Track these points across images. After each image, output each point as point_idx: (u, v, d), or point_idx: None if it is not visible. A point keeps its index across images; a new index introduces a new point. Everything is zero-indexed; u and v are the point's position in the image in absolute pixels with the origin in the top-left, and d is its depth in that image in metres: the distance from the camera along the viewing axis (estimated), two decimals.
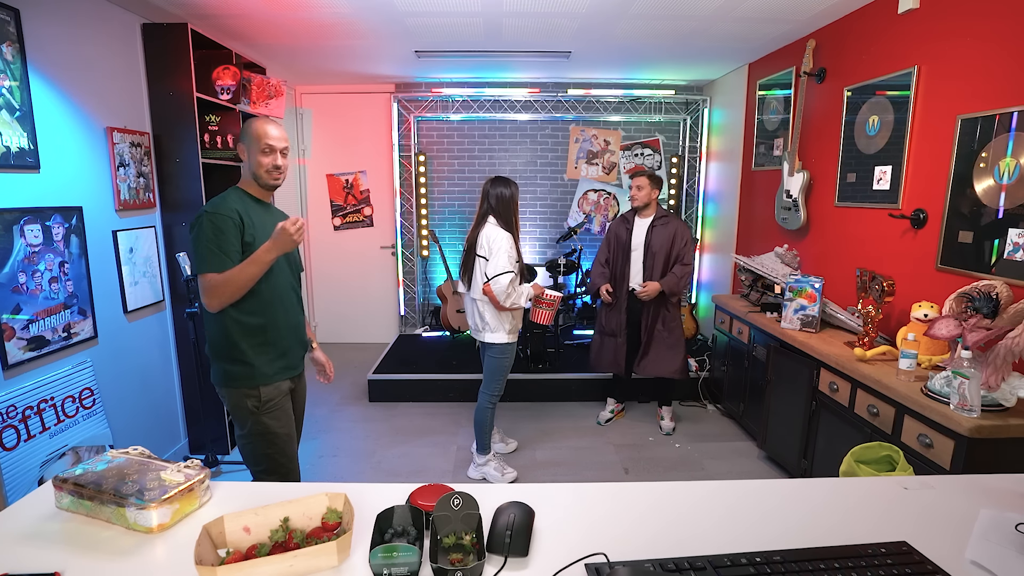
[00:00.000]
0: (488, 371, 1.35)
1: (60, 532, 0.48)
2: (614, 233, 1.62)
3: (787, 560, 0.42)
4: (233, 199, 0.83)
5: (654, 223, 1.56)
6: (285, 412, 0.86)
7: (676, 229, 1.55)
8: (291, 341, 0.89)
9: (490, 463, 1.42)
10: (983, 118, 1.02)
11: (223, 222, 0.79)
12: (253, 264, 0.79)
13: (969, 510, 0.51)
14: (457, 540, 0.44)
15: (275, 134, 0.83)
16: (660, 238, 1.54)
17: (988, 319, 0.88)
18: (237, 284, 0.79)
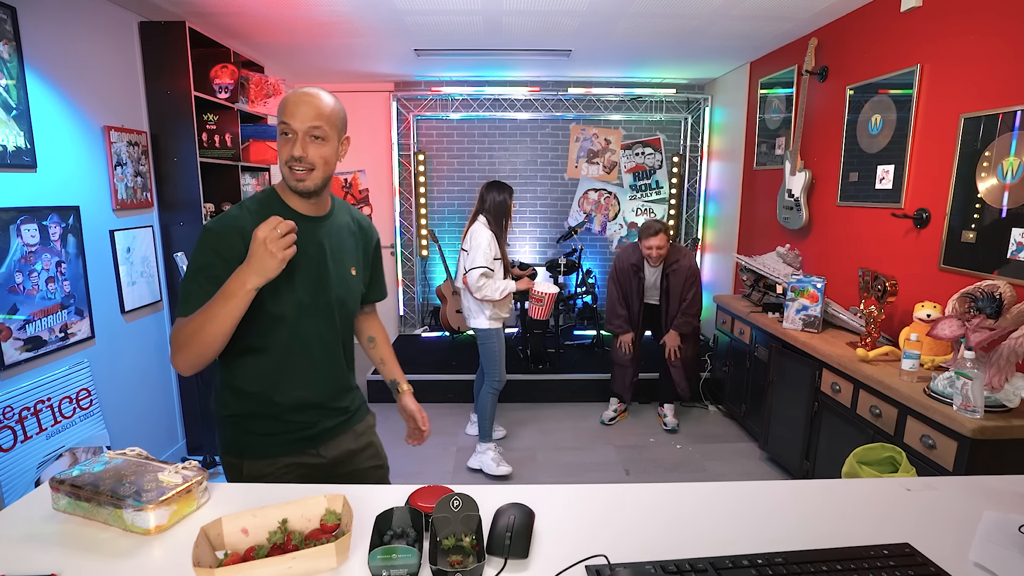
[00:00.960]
0: (481, 358, 1.44)
1: (57, 534, 0.47)
2: (624, 275, 1.68)
3: (789, 562, 0.42)
4: (254, 209, 0.56)
5: (667, 270, 1.63)
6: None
7: (686, 270, 1.63)
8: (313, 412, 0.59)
9: (489, 452, 1.46)
10: (986, 117, 1.01)
11: (222, 245, 0.53)
12: (222, 299, 0.49)
13: (972, 511, 0.50)
14: (457, 542, 0.44)
15: (300, 109, 0.53)
16: (676, 282, 1.63)
17: (991, 319, 0.88)
18: (204, 337, 0.50)
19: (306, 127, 0.55)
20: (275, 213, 0.54)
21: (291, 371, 0.58)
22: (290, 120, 0.55)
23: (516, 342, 2.19)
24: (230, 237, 0.54)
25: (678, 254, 1.64)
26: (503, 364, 1.42)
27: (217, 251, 0.54)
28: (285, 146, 0.56)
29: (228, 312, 0.50)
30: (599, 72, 2.22)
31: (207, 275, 0.53)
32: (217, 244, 0.54)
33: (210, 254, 0.54)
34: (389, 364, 0.75)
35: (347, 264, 0.63)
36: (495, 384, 1.42)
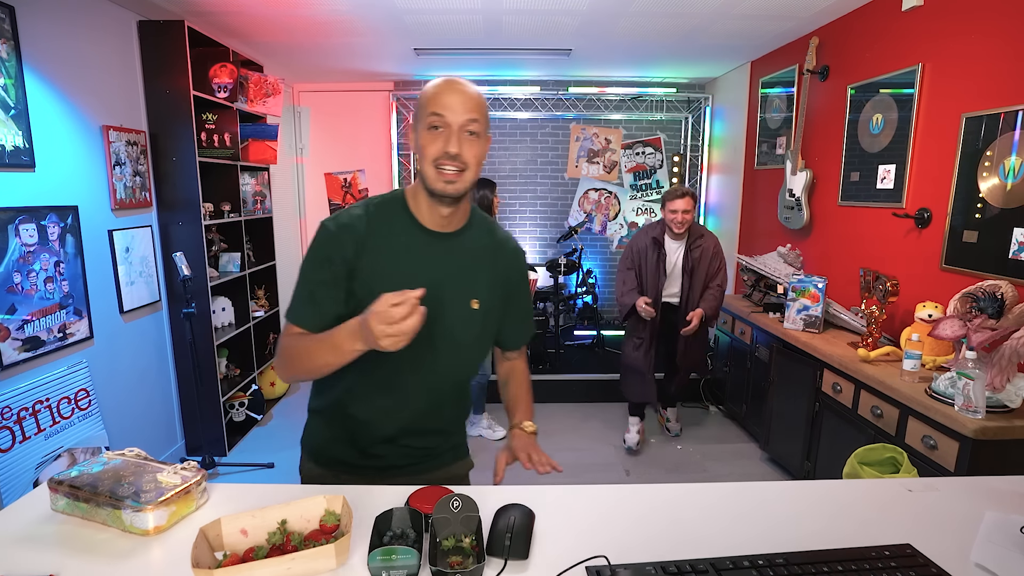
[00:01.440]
0: None
1: (55, 535, 0.47)
2: (642, 252, 1.47)
3: (790, 563, 0.42)
4: (374, 214, 0.49)
5: (691, 246, 1.46)
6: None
7: (711, 247, 1.46)
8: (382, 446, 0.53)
9: (483, 421, 1.60)
10: (988, 116, 1.01)
11: (332, 247, 0.48)
12: (324, 344, 0.46)
13: (974, 512, 0.50)
14: (456, 542, 0.44)
15: (455, 99, 0.46)
16: (699, 260, 1.45)
17: (993, 319, 0.88)
18: (297, 360, 0.48)
19: (463, 120, 0.46)
20: (397, 221, 0.49)
21: (371, 391, 0.51)
22: (445, 112, 0.46)
23: None
24: (341, 239, 0.48)
25: (702, 230, 1.50)
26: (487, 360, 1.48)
27: (328, 254, 0.48)
28: (436, 141, 0.46)
29: (328, 362, 0.46)
30: (599, 71, 2.22)
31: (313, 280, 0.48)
32: (328, 245, 0.48)
33: (320, 256, 0.48)
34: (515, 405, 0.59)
35: (467, 295, 0.51)
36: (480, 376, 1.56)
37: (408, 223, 0.50)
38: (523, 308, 0.58)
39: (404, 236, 0.49)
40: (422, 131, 0.47)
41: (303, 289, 0.49)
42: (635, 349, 1.50)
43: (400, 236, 0.49)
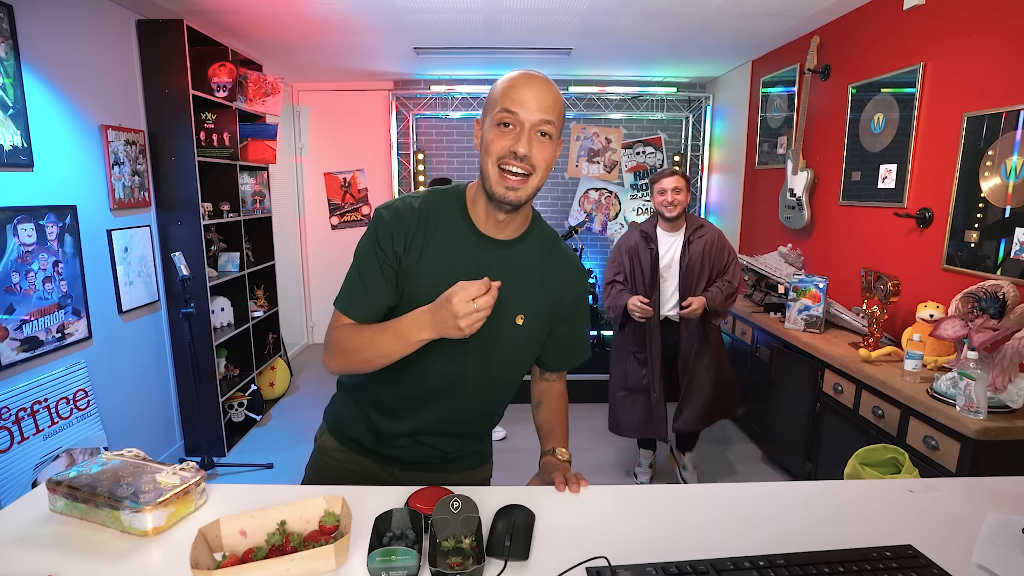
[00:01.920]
0: None
1: (54, 535, 0.47)
2: (629, 253, 1.21)
3: (791, 564, 0.42)
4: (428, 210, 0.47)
5: (690, 237, 1.19)
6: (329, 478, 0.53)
7: (715, 239, 1.20)
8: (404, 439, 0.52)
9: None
10: (990, 116, 1.01)
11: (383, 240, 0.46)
12: (387, 333, 0.45)
13: (976, 513, 0.50)
14: (456, 543, 0.43)
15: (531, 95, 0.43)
16: (701, 255, 1.17)
17: (994, 319, 0.87)
18: (357, 351, 0.46)
19: (537, 119, 0.42)
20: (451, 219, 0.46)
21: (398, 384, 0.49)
22: (519, 108, 0.42)
23: None
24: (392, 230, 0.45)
25: (702, 221, 1.24)
26: None
27: (380, 243, 0.46)
28: (504, 139, 0.43)
29: (389, 353, 0.44)
30: (600, 71, 2.21)
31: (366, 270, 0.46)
32: (380, 234, 0.46)
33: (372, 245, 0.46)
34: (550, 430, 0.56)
35: (514, 310, 0.48)
36: None
37: (462, 224, 0.47)
38: (574, 332, 0.54)
39: (456, 237, 0.46)
40: (490, 127, 0.44)
41: (356, 278, 0.47)
42: (641, 366, 1.21)
43: (451, 236, 0.46)
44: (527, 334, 0.50)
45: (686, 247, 1.22)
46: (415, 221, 0.46)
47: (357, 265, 0.48)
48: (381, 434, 0.52)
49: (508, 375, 0.52)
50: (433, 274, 0.46)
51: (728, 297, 1.21)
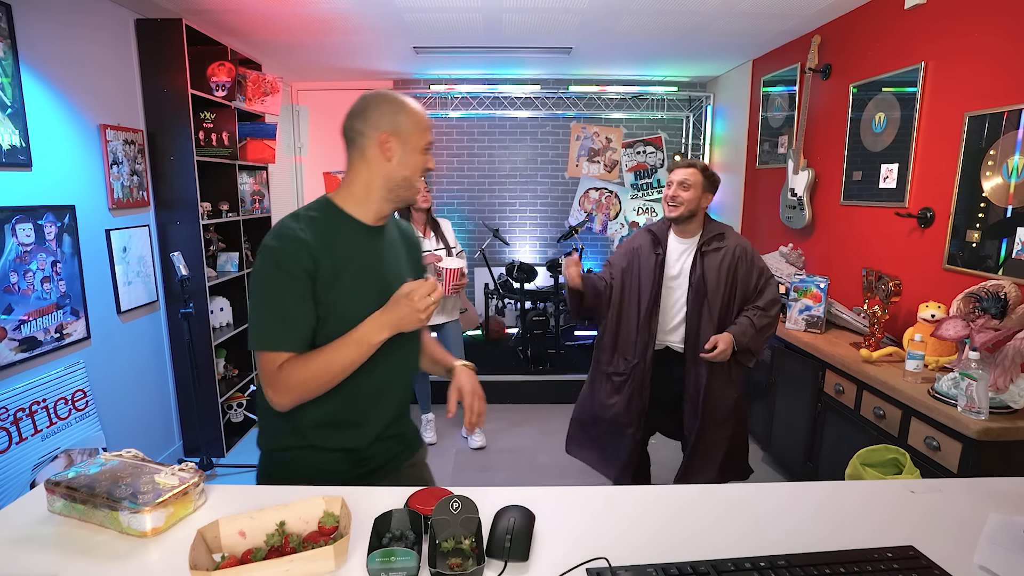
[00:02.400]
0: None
1: (52, 536, 0.47)
2: (631, 254, 0.97)
3: (792, 564, 0.42)
4: (310, 225, 0.51)
5: (704, 246, 0.92)
6: None
7: (741, 254, 0.92)
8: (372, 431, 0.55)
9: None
10: (991, 115, 1.00)
11: (291, 266, 0.48)
12: (348, 346, 0.48)
13: (977, 514, 0.50)
14: (456, 544, 0.43)
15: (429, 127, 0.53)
16: (717, 270, 0.90)
17: (996, 320, 0.87)
18: (321, 374, 0.49)
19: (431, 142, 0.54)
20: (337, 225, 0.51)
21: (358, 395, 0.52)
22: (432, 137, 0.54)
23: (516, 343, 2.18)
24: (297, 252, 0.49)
25: (722, 227, 0.96)
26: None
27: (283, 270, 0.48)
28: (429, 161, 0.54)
29: (355, 361, 0.49)
30: (600, 70, 2.21)
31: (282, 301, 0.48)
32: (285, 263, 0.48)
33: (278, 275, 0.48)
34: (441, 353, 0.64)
35: (403, 277, 0.56)
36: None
37: (349, 225, 0.53)
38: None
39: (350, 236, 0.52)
40: (416, 151, 0.53)
41: (274, 314, 0.49)
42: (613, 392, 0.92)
43: (346, 238, 0.52)
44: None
45: (698, 259, 0.93)
46: (311, 239, 0.50)
47: (266, 303, 0.49)
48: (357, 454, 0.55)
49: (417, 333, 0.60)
50: (349, 273, 0.51)
51: (763, 330, 0.91)
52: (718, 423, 0.95)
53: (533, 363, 1.99)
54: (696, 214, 0.96)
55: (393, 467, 0.58)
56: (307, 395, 0.50)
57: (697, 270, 0.93)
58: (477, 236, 2.50)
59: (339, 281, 0.51)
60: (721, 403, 0.96)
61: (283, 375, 0.49)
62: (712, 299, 0.93)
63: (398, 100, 0.53)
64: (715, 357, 0.90)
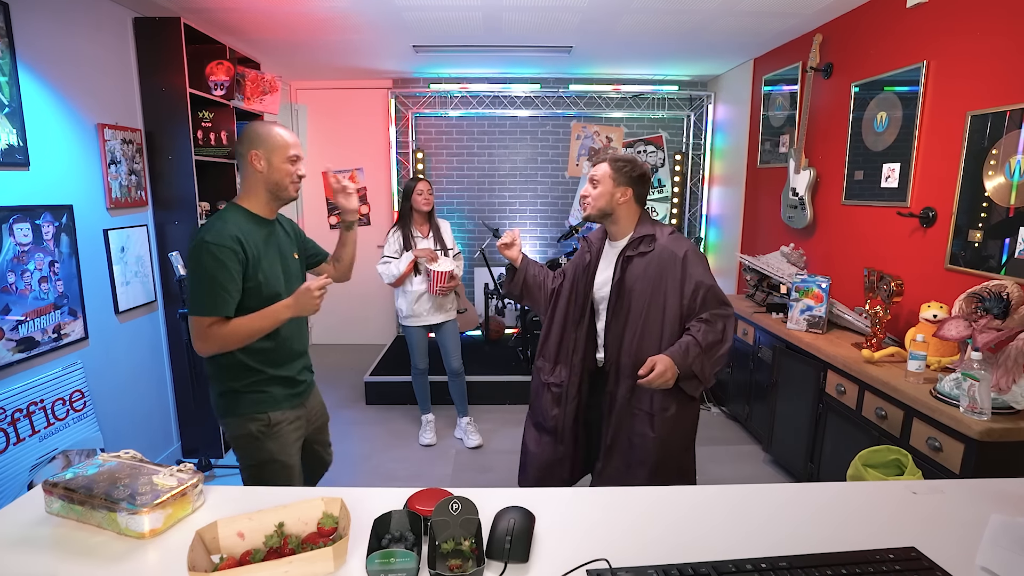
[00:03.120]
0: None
1: (50, 537, 0.47)
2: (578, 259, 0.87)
3: (793, 566, 0.42)
4: (232, 224, 0.72)
5: (627, 250, 0.80)
6: (290, 439, 0.77)
7: (671, 259, 0.77)
8: (296, 366, 0.80)
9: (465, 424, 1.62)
10: (994, 114, 1.00)
11: (226, 256, 0.69)
12: (266, 319, 0.71)
13: (979, 515, 0.50)
14: (456, 546, 0.44)
15: (297, 140, 0.77)
16: (643, 277, 0.78)
17: (998, 320, 0.87)
18: (241, 336, 0.70)
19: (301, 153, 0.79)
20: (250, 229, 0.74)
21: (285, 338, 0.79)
22: (297, 150, 0.77)
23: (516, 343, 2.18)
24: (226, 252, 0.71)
25: (654, 230, 0.81)
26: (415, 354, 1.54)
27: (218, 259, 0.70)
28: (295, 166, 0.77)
29: (270, 327, 0.73)
30: (601, 69, 2.20)
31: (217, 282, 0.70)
32: (220, 254, 0.70)
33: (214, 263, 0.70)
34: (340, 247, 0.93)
35: (292, 250, 0.83)
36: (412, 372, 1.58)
37: (253, 222, 0.76)
38: (310, 241, 0.92)
39: (256, 230, 0.75)
40: (283, 161, 0.75)
41: (215, 288, 0.70)
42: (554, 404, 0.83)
43: (255, 231, 0.75)
44: (300, 260, 0.86)
45: (619, 264, 0.79)
46: (239, 235, 0.72)
47: (205, 282, 0.70)
48: (291, 377, 0.80)
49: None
50: (265, 257, 0.75)
51: (710, 349, 0.74)
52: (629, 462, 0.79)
53: (530, 362, 1.98)
54: (613, 213, 0.81)
55: (309, 390, 0.85)
56: (226, 348, 0.72)
57: (616, 275, 0.79)
58: (477, 236, 2.49)
59: (260, 264, 0.74)
60: (637, 440, 0.78)
61: (211, 332, 0.70)
62: (635, 310, 0.78)
63: (265, 126, 0.76)
64: (651, 381, 0.73)
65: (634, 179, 0.81)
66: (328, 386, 1.94)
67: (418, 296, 1.47)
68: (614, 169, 0.81)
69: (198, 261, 0.69)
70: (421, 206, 1.46)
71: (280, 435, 0.76)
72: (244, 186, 0.76)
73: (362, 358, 2.25)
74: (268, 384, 0.76)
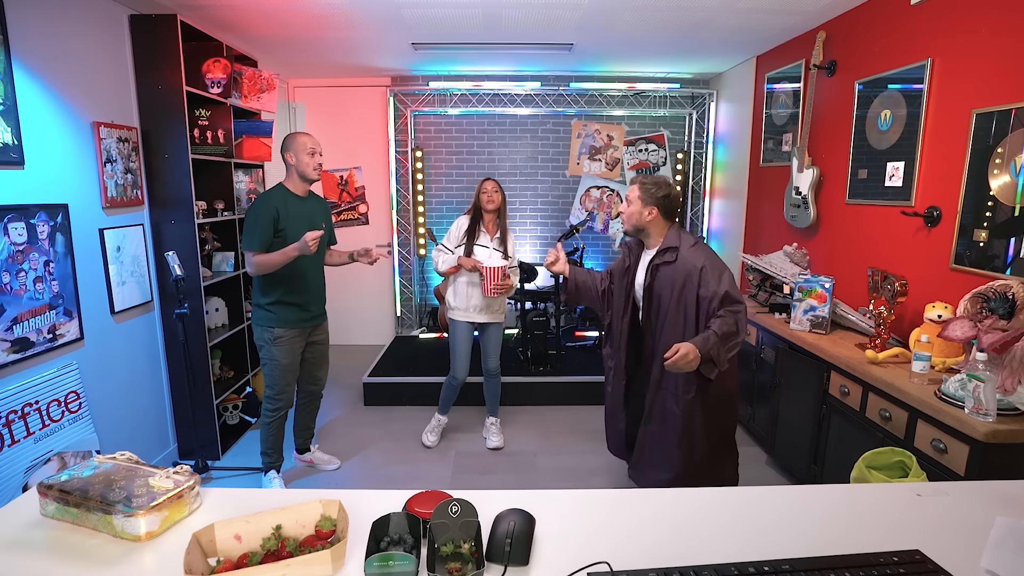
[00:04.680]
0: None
1: (45, 540, 0.47)
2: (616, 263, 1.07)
3: (796, 569, 0.42)
4: (276, 195, 1.20)
5: (655, 259, 0.96)
6: (291, 349, 1.25)
7: (691, 272, 0.92)
8: (307, 299, 1.26)
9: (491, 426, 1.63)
10: (999, 112, 0.99)
11: (264, 212, 1.16)
12: (281, 256, 1.14)
13: (984, 517, 0.50)
14: (455, 548, 0.43)
15: (316, 141, 1.22)
16: (671, 286, 0.92)
17: (1004, 320, 0.86)
18: (265, 266, 1.16)
19: (320, 148, 1.25)
20: (288, 200, 1.22)
21: (298, 275, 1.22)
22: (315, 146, 1.23)
23: (516, 343, 2.16)
24: (264, 210, 1.18)
25: (677, 243, 0.96)
26: (457, 358, 1.49)
27: (259, 213, 1.18)
28: (313, 158, 1.22)
29: (283, 261, 1.16)
30: (602, 66, 2.19)
31: (255, 228, 1.17)
32: (261, 210, 1.18)
33: (255, 215, 1.18)
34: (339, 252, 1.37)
35: (320, 224, 1.25)
36: (448, 375, 1.52)
37: (291, 195, 1.23)
38: (331, 230, 1.36)
39: (295, 201, 1.23)
40: (305, 155, 1.21)
41: (258, 233, 1.16)
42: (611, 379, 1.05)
43: (293, 201, 1.22)
44: (327, 232, 1.31)
45: (650, 272, 0.96)
46: (275, 203, 1.19)
47: (252, 225, 1.17)
48: (308, 302, 1.27)
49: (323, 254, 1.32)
50: (294, 221, 1.21)
51: (726, 338, 0.88)
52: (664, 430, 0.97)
53: (533, 364, 1.97)
54: (644, 228, 1.01)
55: (321, 320, 1.33)
56: (261, 271, 1.17)
57: (647, 281, 0.99)
58: None
59: (288, 224, 1.19)
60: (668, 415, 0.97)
61: (252, 259, 1.16)
62: (663, 310, 0.96)
63: (293, 135, 1.22)
64: (676, 363, 0.88)
65: (659, 199, 1.00)
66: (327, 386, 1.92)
67: (469, 290, 1.46)
68: (642, 191, 1.01)
69: (249, 213, 1.18)
70: (485, 204, 1.48)
71: (282, 344, 1.23)
72: (288, 173, 1.23)
73: (360, 359, 2.24)
74: (279, 306, 1.21)
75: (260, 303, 1.22)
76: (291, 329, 1.23)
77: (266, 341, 1.22)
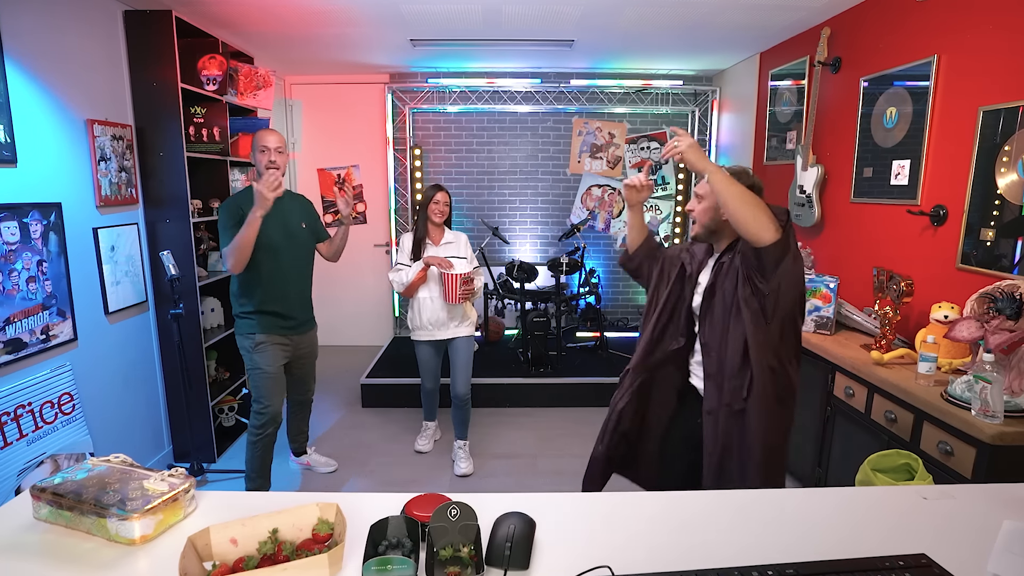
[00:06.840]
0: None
1: (38, 544, 0.46)
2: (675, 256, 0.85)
3: (800, 573, 0.41)
4: (243, 196, 1.16)
5: (722, 256, 0.77)
6: (274, 356, 1.20)
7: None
8: (287, 305, 1.21)
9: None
10: (1006, 110, 0.98)
11: (230, 215, 1.13)
12: (246, 228, 1.06)
13: (991, 521, 0.49)
14: (454, 552, 0.43)
15: (271, 137, 1.16)
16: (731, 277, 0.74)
17: (1011, 321, 0.85)
18: (238, 246, 1.07)
19: (274, 145, 1.17)
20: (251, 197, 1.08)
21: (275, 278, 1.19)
22: (266, 143, 1.17)
23: (516, 345, 2.15)
24: (232, 208, 1.15)
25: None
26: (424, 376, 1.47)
27: (228, 212, 1.14)
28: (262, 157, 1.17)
29: (250, 230, 1.07)
30: (603, 63, 2.18)
31: (225, 227, 1.13)
32: (228, 209, 1.15)
33: (225, 215, 1.14)
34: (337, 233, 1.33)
35: (298, 222, 1.23)
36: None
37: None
38: (321, 228, 1.32)
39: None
40: (258, 152, 1.16)
41: (224, 228, 1.14)
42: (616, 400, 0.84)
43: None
44: (308, 229, 1.27)
45: (718, 271, 0.77)
46: (243, 202, 1.13)
47: (224, 229, 1.14)
48: (288, 309, 1.22)
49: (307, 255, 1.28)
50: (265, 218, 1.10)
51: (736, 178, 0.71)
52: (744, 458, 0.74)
53: (533, 365, 1.95)
54: (721, 228, 0.78)
55: (306, 329, 1.28)
56: (237, 256, 1.09)
57: (713, 283, 0.77)
58: (476, 235, 2.47)
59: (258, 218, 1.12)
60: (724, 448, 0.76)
61: (225, 253, 1.11)
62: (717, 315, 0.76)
63: (256, 132, 1.20)
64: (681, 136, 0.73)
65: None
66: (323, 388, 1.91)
67: (424, 306, 1.37)
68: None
69: (219, 216, 1.16)
70: (435, 217, 1.40)
71: (264, 351, 1.18)
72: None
73: (358, 360, 2.23)
74: (257, 314, 1.18)
75: (239, 312, 1.19)
76: (272, 335, 1.18)
77: (248, 349, 1.18)
